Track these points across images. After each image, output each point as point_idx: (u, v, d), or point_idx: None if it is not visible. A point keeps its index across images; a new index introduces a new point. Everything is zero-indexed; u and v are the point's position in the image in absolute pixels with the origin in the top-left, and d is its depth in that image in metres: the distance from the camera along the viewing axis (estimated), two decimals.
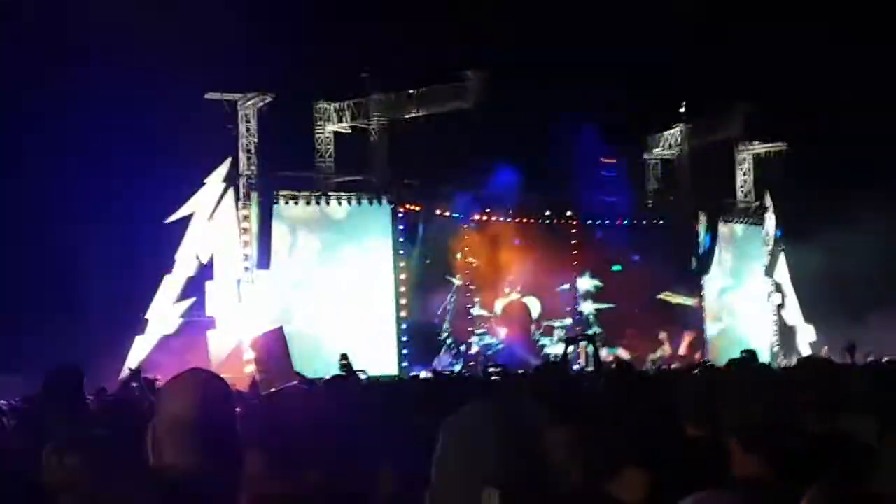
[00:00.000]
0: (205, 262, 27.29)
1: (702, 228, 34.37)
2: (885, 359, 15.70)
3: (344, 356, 16.58)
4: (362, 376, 18.50)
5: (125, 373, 19.30)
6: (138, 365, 20.71)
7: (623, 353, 31.21)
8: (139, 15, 23.34)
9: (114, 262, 25.86)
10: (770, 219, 35.86)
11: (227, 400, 2.92)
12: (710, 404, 3.65)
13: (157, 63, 24.00)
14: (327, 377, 11.93)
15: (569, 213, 33.78)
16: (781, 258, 35.96)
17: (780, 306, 36.07)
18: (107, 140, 23.91)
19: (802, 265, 33.94)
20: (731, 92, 33.95)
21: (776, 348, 35.16)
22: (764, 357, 29.88)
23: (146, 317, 26.63)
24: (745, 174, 36.32)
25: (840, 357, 15.10)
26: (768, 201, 35.75)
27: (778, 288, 36.06)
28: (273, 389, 6.19)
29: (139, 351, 25.93)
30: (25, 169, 24.43)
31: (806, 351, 32.62)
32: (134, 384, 10.75)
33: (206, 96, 27.69)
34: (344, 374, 12.64)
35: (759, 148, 35.64)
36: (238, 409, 3.44)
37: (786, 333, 35.98)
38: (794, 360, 23.70)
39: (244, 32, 26.89)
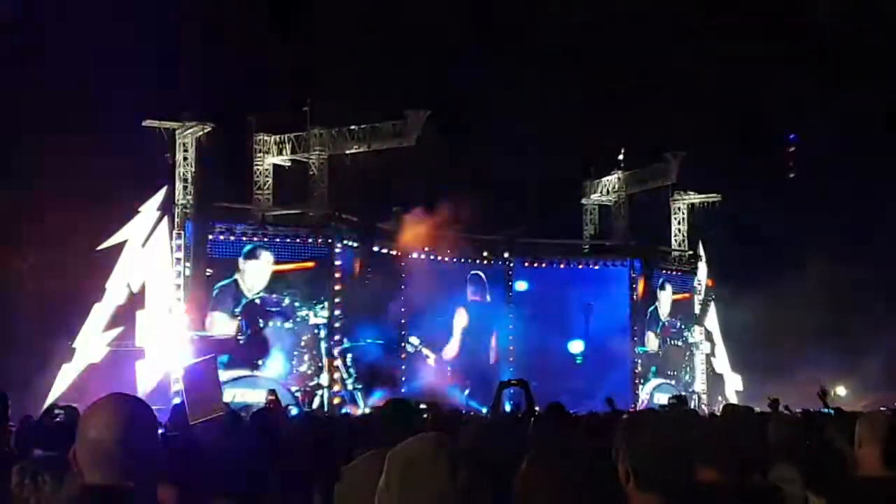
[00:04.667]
0: (136, 290, 26.86)
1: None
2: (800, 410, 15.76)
3: (272, 391, 16.52)
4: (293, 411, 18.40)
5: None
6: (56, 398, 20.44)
7: None
8: (82, 37, 23.10)
9: (44, 290, 25.35)
10: (702, 268, 36.32)
11: (147, 422, 2.88)
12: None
13: (95, 87, 23.72)
14: (254, 410, 11.83)
15: (506, 255, 33.88)
16: (712, 307, 36.46)
17: (710, 355, 36.50)
18: (39, 163, 23.49)
19: (732, 315, 34.42)
20: (668, 142, 34.55)
21: (703, 396, 35.50)
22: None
23: (73, 345, 26.09)
24: (679, 223, 36.79)
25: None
26: (701, 251, 36.23)
27: (708, 336, 36.51)
28: (196, 421, 6.09)
29: (65, 379, 25.39)
30: None
31: (732, 398, 33.00)
32: (58, 412, 10.56)
33: (144, 124, 27.31)
34: (270, 408, 12.59)
35: (694, 198, 36.18)
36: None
37: (714, 381, 36.42)
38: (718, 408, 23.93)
39: (187, 60, 26.76)
